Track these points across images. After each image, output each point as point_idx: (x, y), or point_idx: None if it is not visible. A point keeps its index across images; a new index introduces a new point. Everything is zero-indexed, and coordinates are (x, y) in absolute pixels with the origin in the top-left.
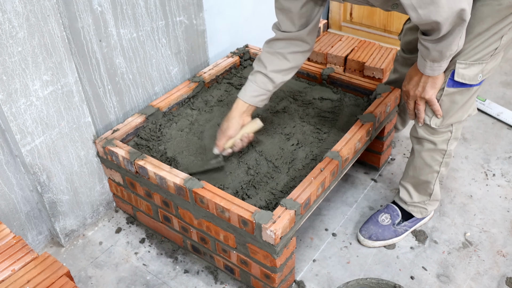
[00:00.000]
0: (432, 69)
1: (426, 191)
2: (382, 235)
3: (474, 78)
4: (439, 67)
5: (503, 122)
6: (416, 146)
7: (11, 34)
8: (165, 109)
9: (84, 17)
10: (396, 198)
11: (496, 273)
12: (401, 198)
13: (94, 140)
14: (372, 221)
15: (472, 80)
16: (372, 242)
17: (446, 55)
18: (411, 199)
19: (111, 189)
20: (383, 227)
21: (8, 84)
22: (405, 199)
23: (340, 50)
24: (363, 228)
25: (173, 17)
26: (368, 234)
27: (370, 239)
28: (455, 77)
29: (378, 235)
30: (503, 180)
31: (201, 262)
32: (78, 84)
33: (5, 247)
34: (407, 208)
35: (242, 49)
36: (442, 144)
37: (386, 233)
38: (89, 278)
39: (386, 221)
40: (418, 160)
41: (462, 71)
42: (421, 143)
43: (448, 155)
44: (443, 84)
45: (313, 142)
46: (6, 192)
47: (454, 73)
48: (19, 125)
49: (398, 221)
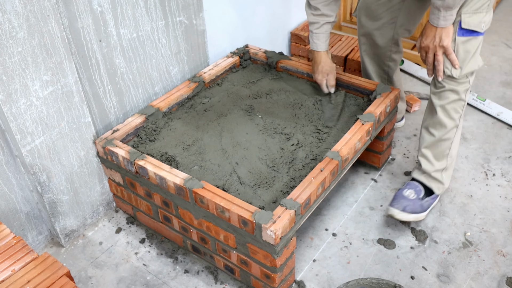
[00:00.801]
0: (445, 19)
1: (444, 154)
2: (414, 208)
3: (479, 26)
4: (450, 16)
5: (503, 122)
6: (438, 101)
7: (11, 34)
8: (165, 109)
9: (84, 17)
10: (415, 174)
11: (496, 273)
12: (424, 170)
13: (94, 140)
14: (399, 196)
15: (477, 27)
16: (406, 215)
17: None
18: (433, 167)
19: (111, 189)
20: (412, 200)
21: (8, 84)
22: (427, 168)
23: (340, 50)
24: (394, 203)
25: (173, 17)
26: (401, 207)
27: (405, 211)
28: (462, 25)
29: (411, 208)
30: (503, 180)
31: (201, 262)
32: (78, 84)
33: (5, 247)
34: (428, 182)
35: (242, 49)
36: (463, 94)
37: (417, 207)
38: (89, 278)
39: (411, 195)
40: (441, 115)
41: (467, 19)
42: (444, 96)
43: (464, 107)
44: (454, 34)
45: (313, 142)
46: (6, 192)
47: (461, 22)
48: (19, 125)
49: (422, 195)
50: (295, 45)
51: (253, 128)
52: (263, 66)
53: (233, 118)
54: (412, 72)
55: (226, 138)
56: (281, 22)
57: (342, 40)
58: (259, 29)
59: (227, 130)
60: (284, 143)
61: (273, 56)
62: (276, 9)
